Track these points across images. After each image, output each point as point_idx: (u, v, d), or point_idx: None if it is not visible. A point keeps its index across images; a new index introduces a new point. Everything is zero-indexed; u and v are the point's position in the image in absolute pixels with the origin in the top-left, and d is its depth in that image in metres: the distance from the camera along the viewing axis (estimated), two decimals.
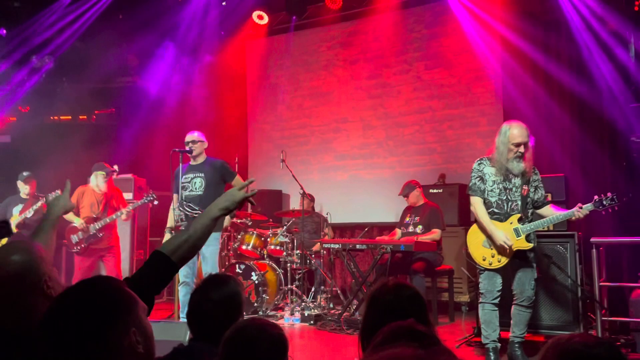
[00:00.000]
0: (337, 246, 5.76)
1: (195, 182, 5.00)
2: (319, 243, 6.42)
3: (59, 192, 4.78)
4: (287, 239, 6.43)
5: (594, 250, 4.37)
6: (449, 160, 7.20)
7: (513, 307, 3.99)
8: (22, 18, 7.13)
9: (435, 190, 6.62)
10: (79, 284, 1.26)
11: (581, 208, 3.80)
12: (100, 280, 1.29)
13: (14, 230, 6.00)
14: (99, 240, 5.59)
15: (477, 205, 3.98)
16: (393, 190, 6.55)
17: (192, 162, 5.11)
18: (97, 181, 5.70)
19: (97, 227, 5.55)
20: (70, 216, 5.56)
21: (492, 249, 3.92)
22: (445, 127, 7.27)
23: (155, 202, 5.77)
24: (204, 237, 1.80)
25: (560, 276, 4.46)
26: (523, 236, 3.85)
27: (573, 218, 3.86)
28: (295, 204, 7.66)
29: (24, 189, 6.14)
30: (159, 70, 8.27)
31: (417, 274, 5.37)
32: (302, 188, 6.37)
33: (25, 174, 6.19)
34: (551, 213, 3.93)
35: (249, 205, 7.70)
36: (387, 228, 6.65)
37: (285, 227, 6.61)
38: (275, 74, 8.64)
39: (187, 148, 5.04)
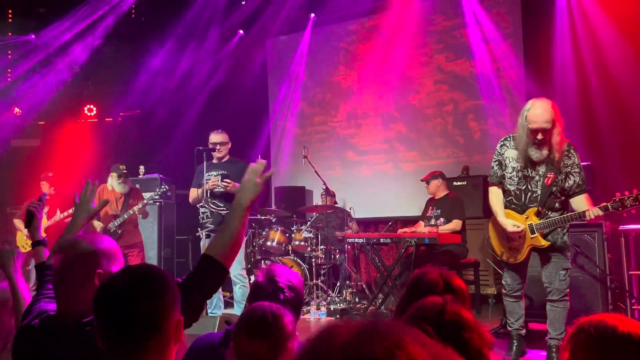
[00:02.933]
0: (361, 240, 5.77)
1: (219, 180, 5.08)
2: (349, 231, 6.49)
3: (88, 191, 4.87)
4: (311, 235, 6.47)
5: (622, 239, 4.29)
6: (472, 152, 7.15)
7: (546, 304, 3.61)
8: (49, 23, 7.31)
9: (459, 183, 6.58)
10: (131, 267, 1.36)
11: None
12: (151, 266, 1.40)
13: (44, 234, 6.15)
14: (119, 237, 5.70)
15: (491, 194, 3.73)
16: (416, 184, 6.53)
17: (215, 161, 5.18)
18: (111, 181, 5.82)
19: (116, 224, 5.66)
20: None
21: (508, 242, 3.68)
22: (468, 119, 7.22)
23: (169, 194, 5.84)
24: (242, 229, 1.80)
25: (588, 266, 4.40)
26: (538, 234, 3.51)
27: (588, 219, 3.39)
28: (318, 199, 7.70)
29: (48, 190, 6.29)
30: (180, 71, 8.39)
31: (441, 266, 5.34)
32: (324, 183, 6.41)
33: (49, 174, 6.35)
34: (580, 206, 3.46)
35: (273, 202, 7.72)
36: (410, 222, 6.63)
37: (309, 222, 6.65)
38: (295, 70, 8.68)
39: (214, 148, 5.13)
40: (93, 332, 1.28)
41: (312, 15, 8.27)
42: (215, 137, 5.18)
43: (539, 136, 3.38)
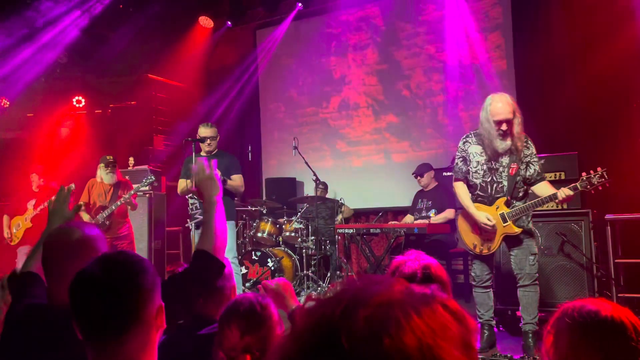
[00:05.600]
0: (351, 231, 5.79)
1: None
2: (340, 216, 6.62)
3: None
4: (301, 226, 6.48)
5: (609, 227, 4.34)
6: None
7: (518, 291, 3.72)
8: (38, 11, 7.21)
9: (448, 173, 6.59)
10: (106, 254, 1.35)
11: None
12: (129, 252, 1.39)
13: (29, 225, 6.14)
14: (108, 228, 5.68)
15: (457, 189, 3.83)
16: (406, 174, 6.56)
17: (203, 154, 5.18)
18: (100, 172, 5.81)
19: (105, 216, 5.64)
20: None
21: (480, 234, 3.76)
22: (458, 110, 7.23)
23: (156, 184, 5.86)
24: (222, 221, 1.88)
25: (575, 254, 4.44)
26: (510, 221, 3.64)
27: (557, 200, 3.51)
28: (309, 190, 7.71)
29: (38, 182, 6.26)
30: (171, 61, 8.34)
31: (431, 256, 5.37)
32: (314, 174, 6.41)
33: (39, 167, 6.33)
34: (544, 192, 3.60)
35: (264, 193, 7.71)
36: (401, 212, 6.67)
37: (299, 213, 6.66)
38: (286, 60, 8.65)
39: (205, 142, 5.14)
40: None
41: (300, 4, 8.23)
42: (204, 131, 5.18)
43: (504, 127, 3.54)
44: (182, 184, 5.23)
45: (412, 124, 7.57)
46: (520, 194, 3.72)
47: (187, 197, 5.17)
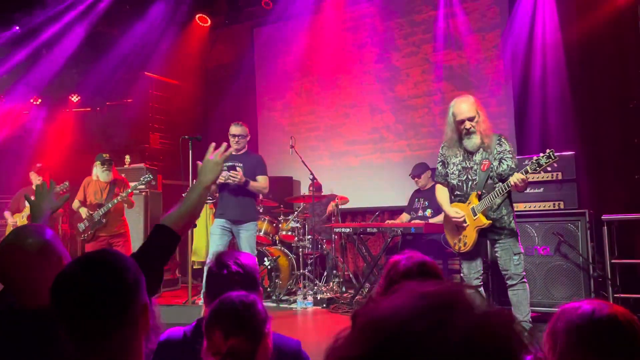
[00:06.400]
0: (348, 230, 5.79)
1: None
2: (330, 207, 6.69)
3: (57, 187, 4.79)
4: (298, 225, 6.47)
5: (605, 227, 4.35)
6: None
7: (508, 291, 3.73)
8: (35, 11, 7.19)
9: None
10: (88, 253, 1.32)
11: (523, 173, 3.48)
12: (110, 251, 1.36)
13: (26, 222, 6.12)
14: (104, 226, 5.66)
15: (437, 191, 4.00)
16: (403, 174, 6.56)
17: (233, 152, 5.19)
18: (96, 170, 5.79)
19: (101, 213, 5.62)
20: (76, 205, 5.72)
21: (458, 231, 3.83)
22: None
23: (153, 183, 5.85)
24: (200, 206, 1.94)
25: (571, 254, 4.46)
26: (479, 214, 3.68)
27: (512, 184, 3.48)
28: (305, 190, 7.70)
29: (36, 180, 6.23)
30: (169, 60, 8.32)
31: (427, 256, 5.38)
32: (311, 173, 6.40)
33: (38, 165, 6.30)
34: None
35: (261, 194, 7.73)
36: (397, 212, 6.66)
37: (296, 212, 6.66)
38: (283, 60, 8.63)
39: (235, 140, 5.25)
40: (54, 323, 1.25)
41: (297, 3, 8.22)
42: (234, 129, 5.35)
43: (467, 124, 3.70)
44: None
45: (409, 124, 7.58)
46: (496, 189, 3.71)
47: (183, 195, 5.16)
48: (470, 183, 3.78)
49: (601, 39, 5.84)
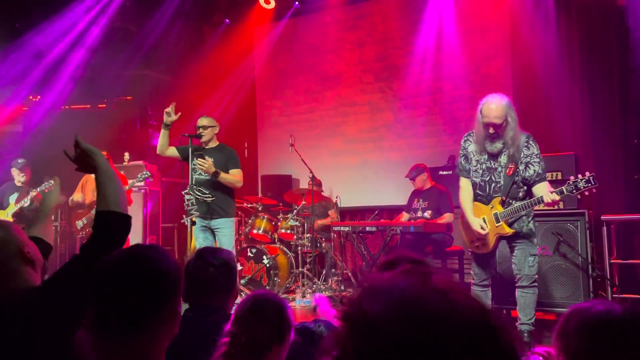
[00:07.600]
0: (347, 229, 5.78)
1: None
2: (329, 218, 6.56)
3: (52, 182, 4.76)
4: (297, 223, 6.47)
5: (605, 227, 4.35)
6: (458, 142, 7.06)
7: (516, 291, 3.69)
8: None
9: (445, 172, 6.60)
10: (140, 247, 1.35)
11: (551, 193, 3.38)
12: (160, 249, 1.36)
13: (10, 219, 6.06)
14: None
15: (461, 188, 3.84)
16: (402, 173, 6.53)
17: (203, 146, 5.12)
18: None
19: None
20: (75, 198, 5.71)
21: (477, 233, 3.74)
22: (455, 108, 7.23)
23: (151, 180, 5.82)
24: (115, 174, 1.82)
25: (571, 254, 4.45)
26: (502, 222, 3.60)
27: (545, 204, 3.42)
28: (305, 186, 7.68)
29: (19, 176, 6.11)
30: (169, 58, 8.29)
31: (426, 255, 5.38)
32: (311, 171, 6.40)
33: (20, 161, 6.14)
34: (539, 194, 3.49)
35: (259, 190, 7.70)
36: (396, 211, 6.66)
37: (295, 210, 6.65)
38: (283, 58, 8.62)
39: (201, 132, 5.05)
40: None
41: (297, 3, 8.21)
42: (200, 121, 5.11)
43: (490, 130, 3.51)
44: (171, 150, 5.05)
45: (408, 123, 7.57)
46: (520, 195, 3.66)
47: (183, 192, 5.12)
48: (493, 185, 3.67)
49: (604, 37, 5.83)
